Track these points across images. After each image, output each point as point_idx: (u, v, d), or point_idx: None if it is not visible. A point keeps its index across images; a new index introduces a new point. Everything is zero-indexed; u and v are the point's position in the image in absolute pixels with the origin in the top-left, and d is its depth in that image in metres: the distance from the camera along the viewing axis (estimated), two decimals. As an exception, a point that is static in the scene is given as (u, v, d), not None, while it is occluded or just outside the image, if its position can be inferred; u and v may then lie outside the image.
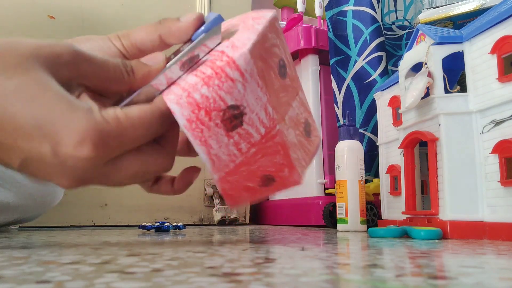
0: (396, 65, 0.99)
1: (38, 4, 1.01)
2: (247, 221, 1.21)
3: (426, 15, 0.78)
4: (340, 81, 0.97)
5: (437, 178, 0.54)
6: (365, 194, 0.69)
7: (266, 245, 0.41)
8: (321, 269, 0.24)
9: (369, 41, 0.95)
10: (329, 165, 0.97)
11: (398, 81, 0.66)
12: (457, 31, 0.57)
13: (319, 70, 1.02)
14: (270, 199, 1.22)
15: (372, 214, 0.79)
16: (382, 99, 0.75)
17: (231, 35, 0.35)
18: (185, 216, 1.14)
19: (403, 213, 0.61)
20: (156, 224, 0.69)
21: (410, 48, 0.62)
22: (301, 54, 1.04)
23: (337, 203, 0.69)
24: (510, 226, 0.46)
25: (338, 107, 0.97)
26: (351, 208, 0.67)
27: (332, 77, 0.98)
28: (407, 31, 1.03)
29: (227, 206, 1.12)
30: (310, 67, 1.02)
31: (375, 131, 0.90)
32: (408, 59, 0.62)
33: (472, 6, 0.74)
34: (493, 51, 0.50)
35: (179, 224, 0.71)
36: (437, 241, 0.47)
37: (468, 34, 0.54)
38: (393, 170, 0.68)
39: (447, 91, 0.55)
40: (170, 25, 0.36)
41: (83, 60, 0.30)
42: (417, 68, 0.59)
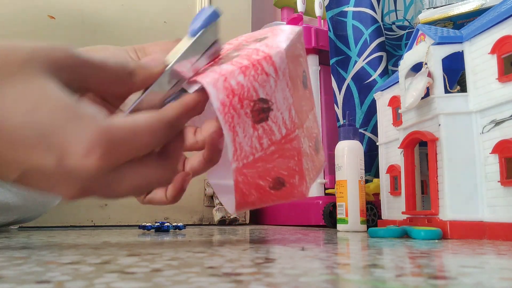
0: (396, 65, 0.99)
1: (38, 4, 1.01)
2: (247, 221, 1.21)
3: (426, 15, 0.78)
4: (340, 81, 0.97)
5: (437, 178, 0.54)
6: (365, 194, 0.69)
7: (266, 245, 0.41)
8: (321, 269, 0.24)
9: (369, 41, 0.95)
10: (329, 165, 0.97)
11: (398, 81, 0.66)
12: (457, 31, 0.57)
13: (319, 70, 1.02)
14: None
15: (372, 214, 0.79)
16: (382, 99, 0.75)
17: (262, 39, 0.37)
18: (185, 216, 1.14)
19: (403, 213, 0.61)
20: (156, 224, 0.69)
21: (410, 48, 0.62)
22: (301, 54, 1.04)
23: (337, 203, 0.69)
24: (510, 226, 0.46)
25: (338, 107, 0.97)
26: (351, 208, 0.67)
27: (332, 77, 0.98)
28: (407, 31, 1.03)
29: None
30: (310, 67, 1.02)
31: (375, 131, 0.90)
32: (408, 59, 0.62)
33: (472, 6, 0.74)
34: (493, 51, 0.50)
35: (179, 224, 0.71)
36: (437, 241, 0.47)
37: (468, 34, 0.54)
38: (393, 170, 0.68)
39: (447, 91, 0.55)
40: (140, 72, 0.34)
41: (82, 63, 0.29)
42: (417, 68, 0.59)
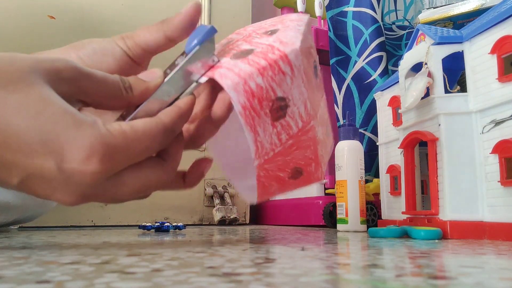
0: (396, 65, 0.99)
1: (38, 4, 1.01)
2: (247, 221, 1.21)
3: (426, 15, 0.78)
4: (340, 81, 0.97)
5: (437, 178, 0.54)
6: (365, 194, 0.69)
7: (266, 245, 0.41)
8: (321, 269, 0.24)
9: (369, 41, 0.95)
10: (329, 165, 0.97)
11: (398, 81, 0.66)
12: (457, 31, 0.57)
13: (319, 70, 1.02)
14: (270, 199, 1.22)
15: (372, 214, 0.79)
16: (382, 99, 0.75)
17: (273, 32, 0.37)
18: (185, 216, 1.14)
19: (403, 213, 0.61)
20: (156, 224, 0.69)
21: (410, 48, 0.62)
22: (301, 54, 1.04)
23: (337, 203, 0.69)
24: (510, 226, 0.46)
25: (338, 107, 0.97)
26: (351, 208, 0.67)
27: (332, 77, 0.98)
28: (407, 31, 1.03)
29: (227, 206, 1.12)
30: (310, 67, 1.02)
31: (375, 131, 0.90)
32: (408, 59, 0.62)
33: (472, 6, 0.74)
34: (493, 51, 0.50)
35: (179, 224, 0.71)
36: (437, 241, 0.47)
37: (468, 34, 0.54)
38: (393, 170, 0.68)
39: (447, 91, 0.55)
40: (172, 20, 0.36)
41: (83, 76, 0.30)
42: (417, 68, 0.59)
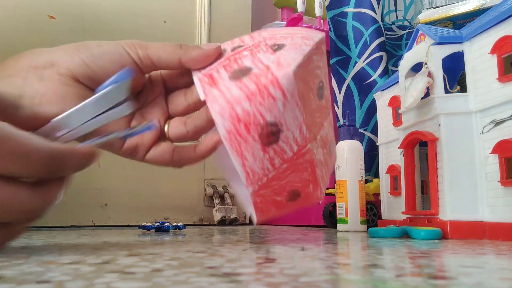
0: (396, 65, 0.99)
1: (38, 4, 1.01)
2: (247, 221, 1.21)
3: (426, 15, 0.78)
4: (340, 81, 0.97)
5: (437, 178, 0.54)
6: (365, 194, 0.69)
7: (266, 245, 0.41)
8: (321, 269, 0.24)
9: (369, 42, 0.95)
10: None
11: (398, 81, 0.66)
12: (457, 31, 0.57)
13: (319, 70, 1.02)
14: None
15: (372, 214, 0.79)
16: (382, 99, 0.75)
17: (279, 48, 0.36)
18: (185, 216, 1.14)
19: (403, 213, 0.61)
20: (156, 224, 0.69)
21: (410, 48, 0.62)
22: (301, 54, 1.04)
23: (337, 203, 0.69)
24: (510, 226, 0.46)
25: (338, 107, 0.97)
26: (351, 208, 0.67)
27: (332, 77, 0.98)
28: (407, 31, 1.03)
29: (227, 206, 1.12)
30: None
31: (375, 131, 0.90)
32: (408, 59, 0.62)
33: (472, 6, 0.74)
34: (493, 51, 0.50)
35: (179, 224, 0.71)
36: (437, 241, 0.47)
37: (468, 34, 0.54)
38: (393, 170, 0.68)
39: (447, 91, 0.55)
40: (191, 51, 0.37)
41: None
42: (417, 68, 0.59)
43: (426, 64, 0.56)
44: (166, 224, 0.69)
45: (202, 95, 0.35)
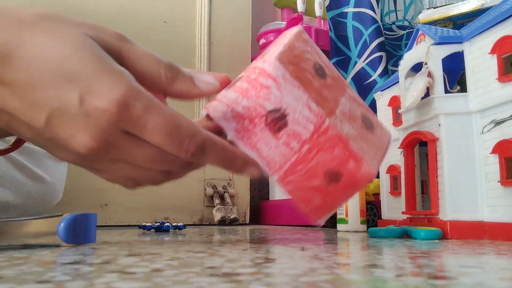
0: (396, 65, 0.99)
1: (37, 4, 1.01)
2: (247, 221, 1.21)
3: (426, 15, 0.78)
4: (340, 81, 0.97)
5: (437, 178, 0.54)
6: (365, 194, 0.69)
7: (266, 245, 0.41)
8: (321, 269, 0.24)
9: (368, 42, 0.95)
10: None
11: (398, 81, 0.66)
12: (457, 31, 0.57)
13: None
14: (270, 199, 1.22)
15: (372, 214, 0.79)
16: (382, 99, 0.75)
17: (263, 55, 0.38)
18: (185, 216, 1.14)
19: (403, 213, 0.61)
20: (156, 224, 0.69)
21: (410, 48, 0.62)
22: (301, 54, 1.04)
23: (337, 203, 0.69)
24: (510, 226, 0.46)
25: (338, 107, 0.96)
26: (351, 208, 0.67)
27: (332, 77, 0.98)
28: (407, 31, 1.03)
29: (227, 206, 1.12)
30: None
31: (375, 131, 0.90)
32: (408, 59, 0.62)
33: (472, 6, 0.74)
34: (493, 51, 0.50)
35: (179, 224, 0.71)
36: (437, 241, 0.47)
37: (468, 34, 0.54)
38: (393, 170, 0.68)
39: (447, 91, 0.55)
40: (181, 85, 0.35)
41: (126, 43, 0.31)
42: (417, 68, 0.59)
43: (426, 64, 0.56)
44: (166, 224, 0.69)
45: (204, 111, 0.36)
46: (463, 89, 0.55)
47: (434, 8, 0.77)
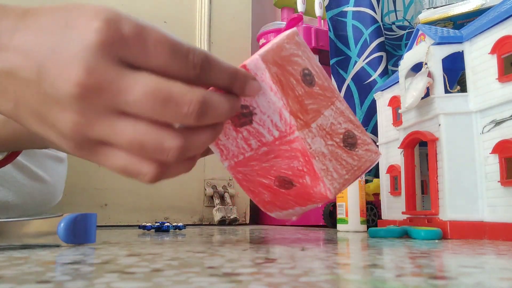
0: (396, 65, 0.99)
1: (37, 5, 1.00)
2: (247, 221, 1.21)
3: (426, 15, 0.78)
4: (340, 81, 0.97)
5: (437, 178, 0.54)
6: (365, 194, 0.69)
7: (266, 245, 0.41)
8: (321, 269, 0.24)
9: (369, 41, 0.95)
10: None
11: (398, 81, 0.66)
12: (457, 31, 0.57)
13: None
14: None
15: (372, 214, 0.79)
16: (382, 99, 0.75)
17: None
18: (185, 216, 1.14)
19: (403, 213, 0.61)
20: (156, 224, 0.69)
21: (410, 48, 0.62)
22: (301, 54, 1.04)
23: (337, 203, 0.69)
24: (510, 226, 0.46)
25: (338, 107, 0.96)
26: (351, 208, 0.67)
27: (332, 77, 0.98)
28: (407, 31, 1.03)
29: (227, 206, 1.12)
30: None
31: (375, 131, 0.90)
32: (408, 59, 0.62)
33: (472, 6, 0.74)
34: (493, 51, 0.50)
35: (179, 224, 0.71)
36: (437, 241, 0.47)
37: (468, 34, 0.54)
38: (393, 170, 0.68)
39: (447, 91, 0.55)
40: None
41: (145, 26, 0.27)
42: (417, 68, 0.59)
43: (426, 64, 0.56)
44: (166, 224, 0.69)
45: None
46: (463, 89, 0.55)
47: (434, 8, 0.77)
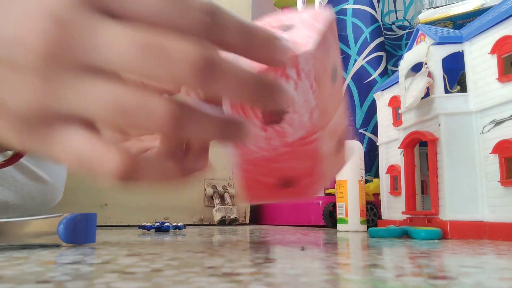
0: (396, 65, 0.99)
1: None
2: (247, 221, 1.21)
3: (426, 15, 0.78)
4: (340, 81, 0.97)
5: (437, 178, 0.54)
6: (365, 194, 0.69)
7: (266, 245, 0.41)
8: (321, 269, 0.24)
9: (369, 40, 0.95)
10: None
11: (398, 81, 0.66)
12: (457, 31, 0.57)
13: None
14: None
15: (372, 214, 0.79)
16: (382, 99, 0.74)
17: (289, 28, 0.33)
18: (185, 216, 1.14)
19: (403, 213, 0.61)
20: (156, 224, 0.69)
21: (410, 48, 0.62)
22: (301, 54, 1.04)
23: (337, 203, 0.69)
24: (510, 226, 0.46)
25: (338, 107, 0.97)
26: (351, 208, 0.67)
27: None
28: (407, 31, 1.03)
29: (227, 206, 1.12)
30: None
31: (375, 131, 0.90)
32: (408, 59, 0.62)
33: (472, 6, 0.74)
34: (493, 51, 0.50)
35: (179, 224, 0.71)
36: (437, 241, 0.47)
37: (468, 34, 0.54)
38: (393, 170, 0.68)
39: (447, 91, 0.55)
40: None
41: None
42: (417, 68, 0.59)
43: (426, 64, 0.56)
44: (166, 224, 0.69)
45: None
46: (463, 89, 0.55)
47: (434, 8, 0.77)
